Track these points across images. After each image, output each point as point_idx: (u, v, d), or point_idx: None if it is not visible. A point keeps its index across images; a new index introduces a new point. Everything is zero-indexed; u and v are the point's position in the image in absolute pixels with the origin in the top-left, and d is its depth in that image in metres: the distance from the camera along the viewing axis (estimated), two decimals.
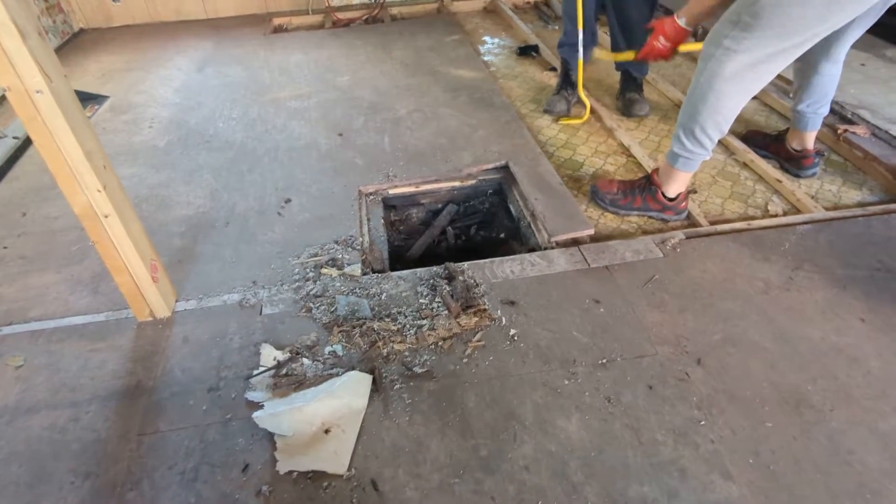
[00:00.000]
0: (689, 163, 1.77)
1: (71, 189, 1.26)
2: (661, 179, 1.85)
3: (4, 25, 1.03)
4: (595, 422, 1.25)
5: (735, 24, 1.51)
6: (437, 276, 1.65)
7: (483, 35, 3.61)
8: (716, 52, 1.56)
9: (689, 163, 1.77)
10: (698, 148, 1.72)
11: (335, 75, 3.01)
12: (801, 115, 1.99)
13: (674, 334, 1.45)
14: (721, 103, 1.61)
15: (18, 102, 1.12)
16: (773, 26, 1.47)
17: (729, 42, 1.53)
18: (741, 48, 1.52)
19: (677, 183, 1.83)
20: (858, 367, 1.35)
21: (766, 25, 1.47)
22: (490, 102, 2.63)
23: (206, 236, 1.88)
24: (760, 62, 1.53)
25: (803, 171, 2.07)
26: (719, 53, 1.55)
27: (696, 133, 1.69)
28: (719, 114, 1.64)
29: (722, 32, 1.55)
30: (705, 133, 1.68)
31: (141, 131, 2.56)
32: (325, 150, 2.33)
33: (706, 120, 1.66)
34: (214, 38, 3.61)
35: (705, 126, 1.67)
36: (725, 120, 1.65)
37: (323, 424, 1.26)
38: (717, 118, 1.64)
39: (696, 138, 1.70)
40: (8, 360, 1.46)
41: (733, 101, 1.61)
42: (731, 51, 1.53)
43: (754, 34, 1.49)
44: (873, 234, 1.74)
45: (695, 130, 1.69)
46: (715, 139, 1.70)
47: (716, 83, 1.58)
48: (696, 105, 1.65)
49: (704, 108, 1.64)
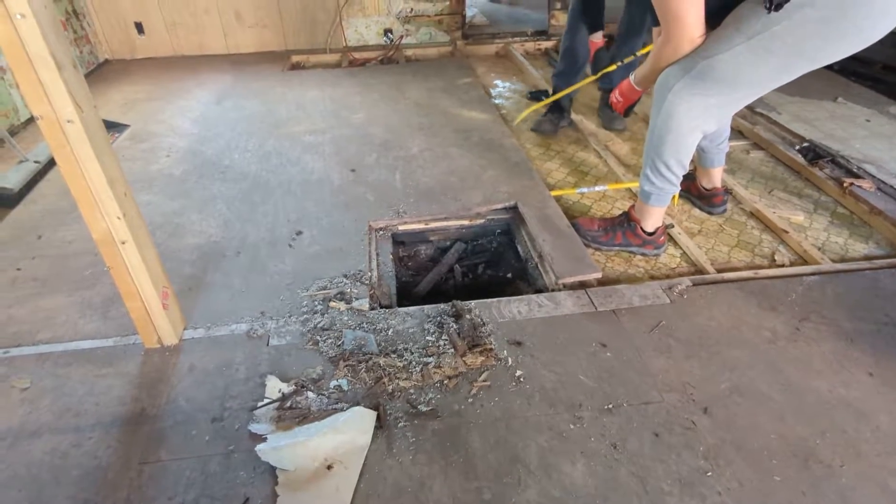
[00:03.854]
0: (660, 198, 1.86)
1: (92, 215, 1.29)
2: (639, 216, 1.93)
3: (43, 58, 1.08)
4: (600, 468, 1.24)
5: (687, 72, 1.62)
6: (444, 314, 1.66)
7: (494, 79, 3.70)
8: (668, 95, 1.67)
9: (660, 198, 1.86)
10: (666, 184, 1.82)
11: (350, 112, 3.08)
12: (705, 151, 2.10)
13: (680, 381, 1.45)
14: (679, 142, 1.73)
15: (49, 131, 1.16)
16: (726, 80, 1.58)
17: (680, 87, 1.64)
18: (693, 94, 1.63)
19: (653, 217, 1.92)
20: (867, 422, 1.34)
21: (719, 78, 1.58)
22: (500, 144, 2.68)
23: (216, 265, 1.90)
24: (712, 107, 1.65)
25: (714, 209, 2.18)
26: (671, 97, 1.66)
27: (661, 170, 1.79)
28: (679, 152, 1.75)
29: (675, 77, 1.65)
30: (669, 170, 1.79)
31: (158, 160, 2.61)
32: (338, 184, 2.37)
33: (668, 158, 1.76)
34: (234, 73, 3.72)
35: (668, 164, 1.77)
36: (686, 156, 1.77)
37: (325, 460, 1.25)
38: (678, 156, 1.76)
39: (662, 175, 1.80)
40: (14, 382, 1.47)
41: (689, 139, 1.73)
42: (681, 96, 1.64)
43: (706, 84, 1.60)
44: (880, 287, 1.75)
45: (660, 168, 1.79)
46: (680, 174, 1.80)
47: (671, 124, 1.70)
48: (657, 145, 1.77)
49: (664, 148, 1.75)
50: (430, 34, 4.24)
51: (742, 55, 1.52)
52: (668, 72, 1.67)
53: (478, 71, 3.80)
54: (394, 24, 4.17)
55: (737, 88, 1.61)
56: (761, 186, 2.37)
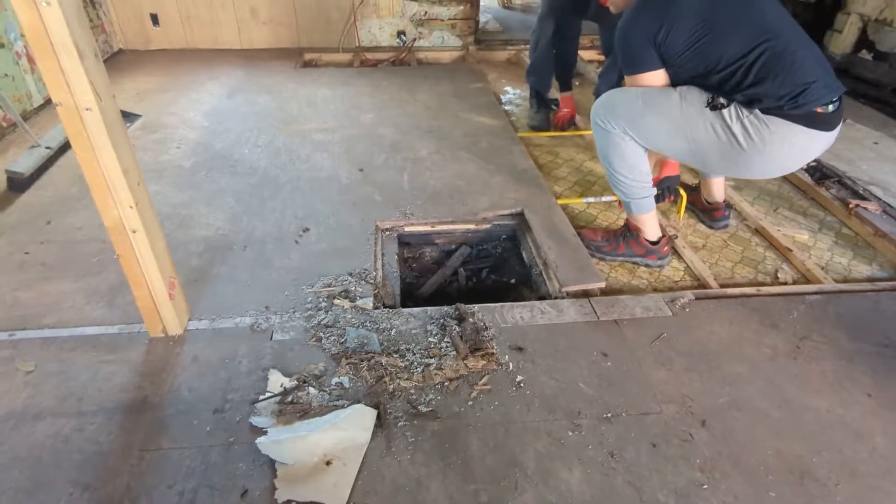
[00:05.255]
0: (639, 204, 1.90)
1: (105, 203, 1.30)
2: (636, 224, 1.96)
3: (65, 46, 1.09)
4: (597, 476, 1.25)
5: (613, 108, 1.74)
6: (447, 316, 1.67)
7: (505, 85, 3.72)
8: (596, 119, 1.79)
9: (639, 204, 1.90)
10: (633, 190, 1.86)
11: (360, 112, 3.10)
12: None
13: (679, 394, 1.45)
14: (622, 157, 1.80)
15: (67, 118, 1.17)
16: (639, 134, 1.74)
17: (603, 115, 1.77)
18: (616, 127, 1.75)
19: (648, 225, 1.93)
20: (864, 442, 1.34)
21: (639, 128, 1.72)
22: (509, 150, 2.70)
23: (223, 258, 1.91)
24: (634, 143, 1.77)
25: (715, 223, 2.20)
26: (599, 122, 1.79)
27: (619, 178, 1.85)
28: (626, 159, 1.81)
29: (603, 108, 1.77)
30: (628, 178, 1.83)
31: (168, 151, 2.63)
32: (346, 183, 2.39)
33: (620, 169, 1.82)
34: (246, 68, 3.74)
35: (624, 173, 1.83)
36: (636, 162, 1.81)
37: (325, 456, 1.26)
38: (626, 166, 1.82)
39: (623, 182, 1.85)
40: (19, 365, 1.48)
41: (630, 153, 1.79)
42: (605, 125, 1.77)
43: (625, 128, 1.74)
44: (882, 309, 1.75)
45: (620, 179, 1.85)
46: (641, 178, 1.84)
47: (608, 147, 1.81)
48: (606, 163, 1.86)
49: (614, 162, 1.83)
50: (442, 38, 4.26)
51: (666, 125, 1.68)
52: (600, 101, 1.79)
53: (489, 76, 3.82)
54: (407, 26, 4.19)
55: (645, 141, 1.76)
56: (767, 204, 2.38)
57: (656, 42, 1.61)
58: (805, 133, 1.58)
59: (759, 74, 1.54)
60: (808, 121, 1.56)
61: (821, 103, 1.55)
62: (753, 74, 1.54)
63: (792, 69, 1.53)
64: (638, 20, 1.64)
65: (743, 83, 1.56)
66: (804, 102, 1.53)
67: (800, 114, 1.55)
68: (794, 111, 1.54)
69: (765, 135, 1.58)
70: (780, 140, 1.58)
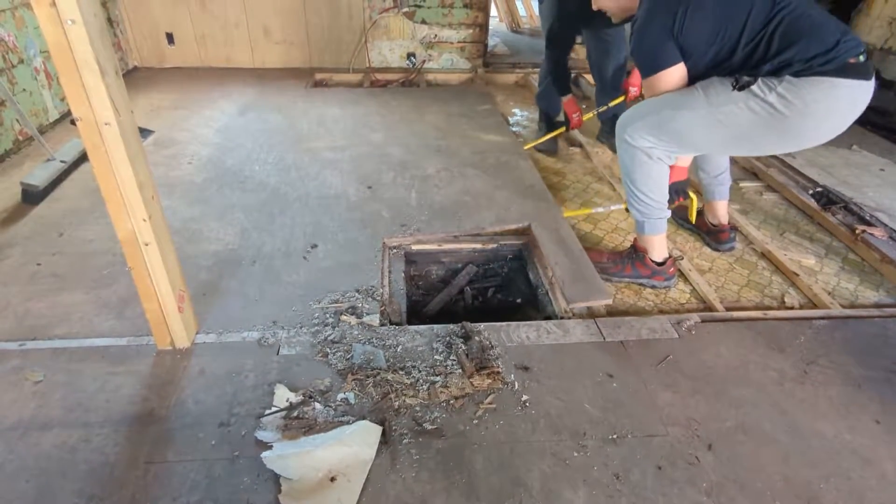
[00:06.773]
0: (654, 225, 1.90)
1: (119, 215, 1.32)
2: (643, 245, 1.96)
3: (88, 63, 1.13)
4: (602, 497, 1.24)
5: (641, 119, 1.73)
6: (453, 334, 1.68)
7: (513, 107, 3.77)
8: (623, 135, 1.78)
9: (654, 225, 1.90)
10: (652, 210, 1.87)
11: (369, 131, 3.14)
12: (705, 184, 2.15)
13: (685, 416, 1.45)
14: (647, 176, 1.81)
15: (87, 132, 1.20)
16: (678, 135, 1.72)
17: (631, 131, 1.76)
18: (645, 141, 1.75)
19: (657, 246, 1.94)
20: (872, 469, 1.33)
21: (671, 131, 1.71)
22: (516, 165, 2.72)
23: (232, 273, 1.93)
24: (664, 154, 1.77)
25: (720, 246, 2.20)
26: (627, 138, 1.78)
27: (640, 198, 1.85)
28: (651, 179, 1.82)
29: (630, 122, 1.77)
30: (648, 196, 1.84)
31: (180, 166, 2.67)
32: (354, 200, 2.41)
33: (642, 186, 1.83)
34: (258, 87, 3.80)
35: (643, 191, 1.83)
36: (660, 182, 1.82)
37: (329, 472, 1.26)
38: (650, 184, 1.82)
39: (643, 202, 1.86)
40: (28, 375, 1.49)
41: (655, 168, 1.80)
42: (633, 141, 1.76)
43: (659, 132, 1.72)
44: (890, 335, 1.75)
45: (640, 198, 1.85)
46: (661, 199, 1.85)
47: (634, 165, 1.80)
48: (629, 181, 1.85)
49: (637, 180, 1.83)
50: (451, 60, 4.33)
51: (700, 119, 1.66)
52: (628, 114, 1.79)
53: (497, 98, 3.87)
54: (417, 48, 4.26)
55: (683, 146, 1.75)
56: (773, 228, 2.39)
57: (674, 33, 1.62)
58: (846, 85, 1.54)
59: (783, 41, 1.54)
60: (844, 73, 1.54)
61: (852, 55, 1.53)
62: (777, 42, 1.54)
63: (813, 30, 1.54)
64: (652, 19, 1.65)
65: (769, 52, 1.56)
66: (835, 56, 1.52)
67: (833, 68, 1.53)
68: (826, 66, 1.53)
69: (805, 95, 1.55)
70: (823, 97, 1.55)
